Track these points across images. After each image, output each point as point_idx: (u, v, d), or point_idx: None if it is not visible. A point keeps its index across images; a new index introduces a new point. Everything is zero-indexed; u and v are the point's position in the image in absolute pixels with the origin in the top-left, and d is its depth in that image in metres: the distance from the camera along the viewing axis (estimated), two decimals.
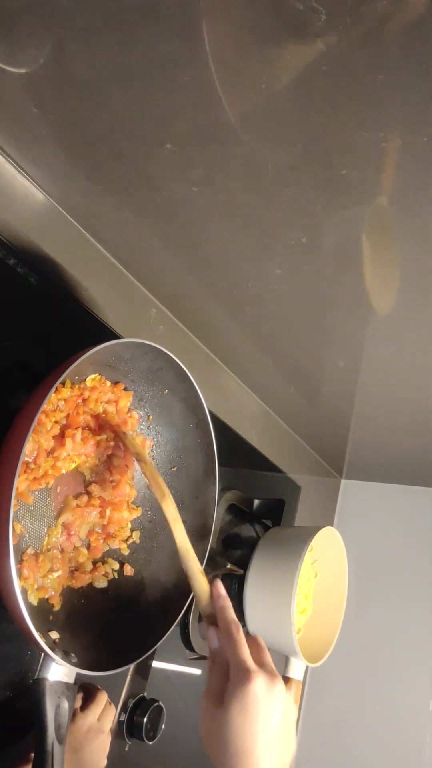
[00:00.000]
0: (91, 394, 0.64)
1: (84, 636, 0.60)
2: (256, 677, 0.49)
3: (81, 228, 0.74)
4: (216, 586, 0.57)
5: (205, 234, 0.70)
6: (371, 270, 0.68)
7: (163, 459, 0.73)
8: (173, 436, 0.73)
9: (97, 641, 0.60)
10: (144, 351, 0.63)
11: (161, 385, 0.68)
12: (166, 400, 0.70)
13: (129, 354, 0.64)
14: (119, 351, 0.63)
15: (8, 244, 0.65)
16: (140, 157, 0.59)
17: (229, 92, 0.49)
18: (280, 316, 0.85)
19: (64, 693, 0.57)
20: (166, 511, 0.60)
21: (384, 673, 1.34)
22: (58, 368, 0.54)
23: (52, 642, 0.55)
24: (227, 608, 0.56)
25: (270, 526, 1.06)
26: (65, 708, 0.56)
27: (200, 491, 0.72)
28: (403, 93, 0.45)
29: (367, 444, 1.30)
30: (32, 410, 0.50)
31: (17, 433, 0.51)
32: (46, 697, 0.55)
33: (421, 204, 0.55)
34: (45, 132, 0.60)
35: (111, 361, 0.64)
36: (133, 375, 0.67)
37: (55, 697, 0.55)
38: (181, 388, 0.68)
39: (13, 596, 0.47)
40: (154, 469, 0.63)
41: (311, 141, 0.51)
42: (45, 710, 0.55)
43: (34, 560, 0.58)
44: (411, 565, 1.40)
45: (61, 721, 0.55)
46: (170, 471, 0.73)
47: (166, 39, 0.45)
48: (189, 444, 0.72)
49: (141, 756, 0.81)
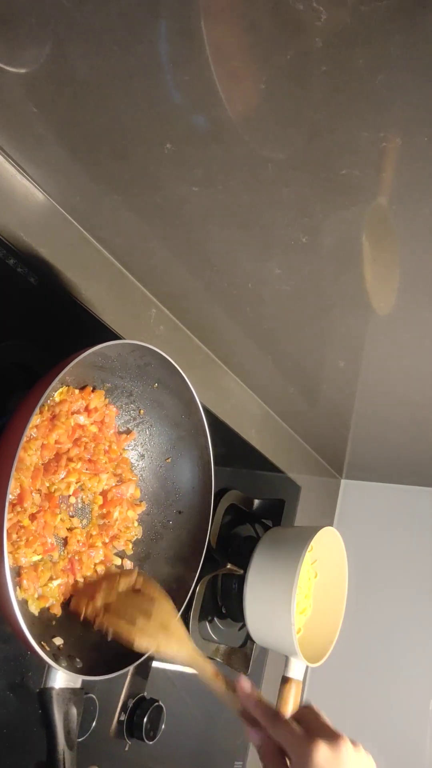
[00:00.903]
0: (60, 409, 0.61)
1: (87, 638, 0.60)
2: (316, 747, 0.46)
3: (81, 228, 0.74)
4: (242, 686, 0.53)
5: (205, 234, 0.70)
6: (371, 270, 0.68)
7: (157, 451, 0.74)
8: (166, 428, 0.73)
9: (102, 642, 0.60)
10: (131, 348, 0.63)
11: (150, 379, 0.68)
12: (156, 394, 0.70)
13: (115, 353, 0.64)
14: (105, 352, 0.63)
15: (8, 244, 0.65)
16: (140, 157, 0.59)
17: (229, 92, 0.49)
18: (280, 316, 0.85)
19: (72, 699, 0.56)
20: (144, 647, 0.56)
21: (384, 673, 1.34)
22: (35, 390, 0.52)
23: (56, 648, 0.55)
24: (260, 702, 0.52)
25: (270, 526, 1.06)
26: (74, 714, 0.56)
27: (196, 481, 0.73)
28: (403, 93, 0.45)
29: (367, 444, 1.30)
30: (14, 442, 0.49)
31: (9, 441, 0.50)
32: (53, 705, 0.55)
33: (421, 204, 0.55)
34: (45, 132, 0.60)
35: (98, 361, 0.64)
36: (121, 372, 0.67)
37: (62, 704, 0.55)
38: (170, 380, 0.68)
39: (12, 613, 0.47)
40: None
41: (311, 141, 0.51)
42: (53, 719, 0.55)
43: (34, 570, 0.57)
44: (411, 565, 1.40)
45: (70, 727, 0.55)
46: (165, 462, 0.74)
47: (166, 39, 0.45)
48: (182, 434, 0.73)
49: (141, 756, 0.81)
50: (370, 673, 1.35)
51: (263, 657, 1.10)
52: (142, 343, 0.62)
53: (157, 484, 0.73)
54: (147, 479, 0.73)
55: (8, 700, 0.62)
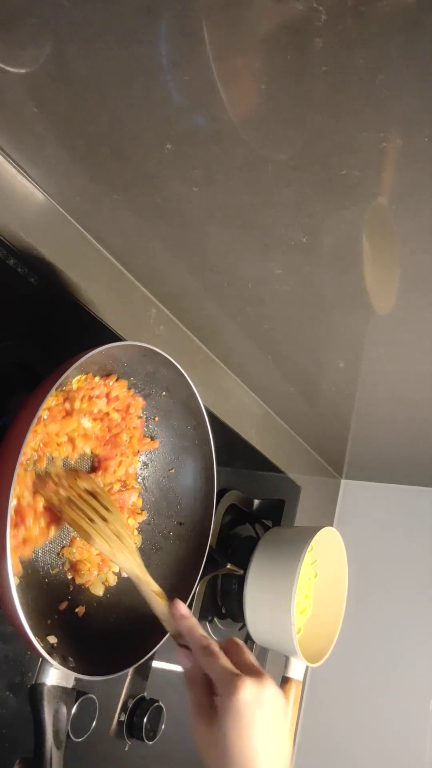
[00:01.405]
0: (75, 395, 0.60)
1: (82, 639, 0.59)
2: (243, 684, 0.47)
3: (81, 228, 0.74)
4: (176, 607, 0.54)
5: (205, 234, 0.70)
6: (371, 270, 0.68)
7: (162, 461, 0.73)
8: (171, 438, 0.72)
9: (96, 644, 0.60)
10: (142, 353, 0.63)
11: (159, 387, 0.68)
12: (163, 402, 0.70)
13: (127, 357, 0.64)
14: (117, 354, 0.62)
15: (8, 244, 0.65)
16: (140, 157, 0.59)
17: (229, 92, 0.49)
18: (280, 316, 0.85)
19: (62, 698, 0.56)
20: (100, 548, 0.56)
21: (384, 673, 1.34)
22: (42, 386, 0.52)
23: (50, 646, 0.55)
24: (193, 627, 0.53)
25: (270, 526, 1.06)
26: (64, 713, 0.56)
27: (198, 494, 0.72)
28: (403, 93, 0.45)
29: (368, 444, 1.30)
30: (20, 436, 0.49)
31: (17, 432, 0.50)
32: (44, 701, 0.54)
33: (421, 204, 0.55)
34: (45, 132, 0.60)
35: (108, 364, 0.64)
36: (132, 377, 0.67)
37: (53, 701, 0.55)
38: (178, 389, 0.68)
39: (10, 600, 0.47)
40: (75, 510, 0.58)
41: (311, 141, 0.51)
42: (43, 715, 0.54)
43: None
44: (411, 565, 1.40)
45: (59, 726, 0.55)
46: (169, 473, 0.73)
47: (166, 39, 0.45)
48: (187, 446, 0.72)
49: (141, 756, 0.81)
50: (370, 673, 1.35)
51: (263, 657, 1.11)
52: (155, 348, 0.61)
53: (160, 495, 0.72)
54: (150, 489, 0.72)
55: (8, 700, 0.62)
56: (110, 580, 0.67)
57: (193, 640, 0.52)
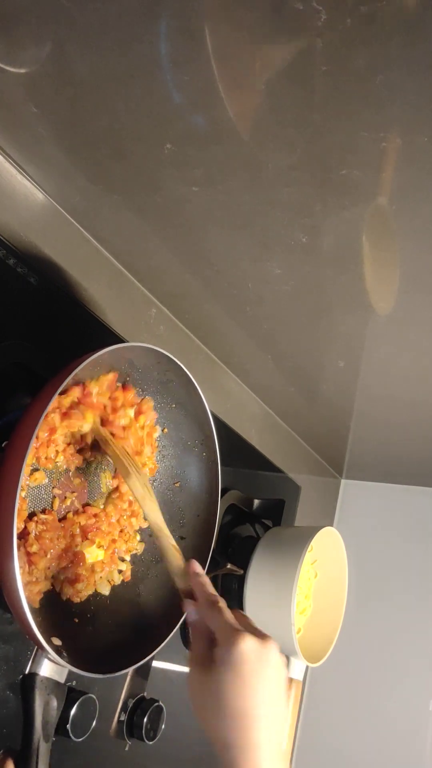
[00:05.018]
0: (91, 389, 0.60)
1: (82, 637, 0.59)
2: (245, 637, 0.47)
3: (81, 228, 0.74)
4: (192, 565, 0.56)
5: (205, 234, 0.70)
6: (371, 270, 0.68)
7: (167, 474, 0.72)
8: (179, 451, 0.71)
9: (96, 643, 0.60)
10: (157, 359, 0.62)
11: (170, 398, 0.67)
12: (173, 415, 0.69)
13: (142, 363, 0.63)
14: (132, 359, 0.62)
15: (8, 244, 0.65)
16: (140, 157, 0.59)
17: (229, 92, 0.49)
18: (280, 316, 0.85)
19: (54, 691, 0.56)
20: (132, 489, 0.59)
21: (384, 673, 1.34)
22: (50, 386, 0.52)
23: (49, 638, 0.55)
24: (206, 584, 0.54)
25: (270, 526, 1.06)
26: (54, 706, 0.56)
27: (202, 509, 0.71)
28: (403, 93, 0.45)
29: (367, 444, 1.30)
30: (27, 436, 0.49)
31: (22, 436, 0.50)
32: (35, 692, 0.54)
33: (421, 204, 0.55)
34: (45, 132, 0.60)
35: (124, 368, 0.63)
36: (144, 385, 0.66)
37: (44, 693, 0.55)
38: (189, 403, 0.67)
39: (13, 586, 0.47)
40: (120, 447, 0.61)
41: (311, 141, 0.51)
42: (33, 705, 0.54)
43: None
44: (411, 565, 1.40)
45: (48, 719, 0.55)
46: (174, 486, 0.72)
47: (166, 39, 0.45)
48: (193, 460, 0.71)
49: (141, 756, 0.81)
50: (370, 673, 1.35)
51: None
52: (169, 354, 0.61)
53: (163, 509, 0.71)
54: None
55: (8, 700, 0.62)
56: (115, 578, 0.67)
57: (203, 594, 0.53)
